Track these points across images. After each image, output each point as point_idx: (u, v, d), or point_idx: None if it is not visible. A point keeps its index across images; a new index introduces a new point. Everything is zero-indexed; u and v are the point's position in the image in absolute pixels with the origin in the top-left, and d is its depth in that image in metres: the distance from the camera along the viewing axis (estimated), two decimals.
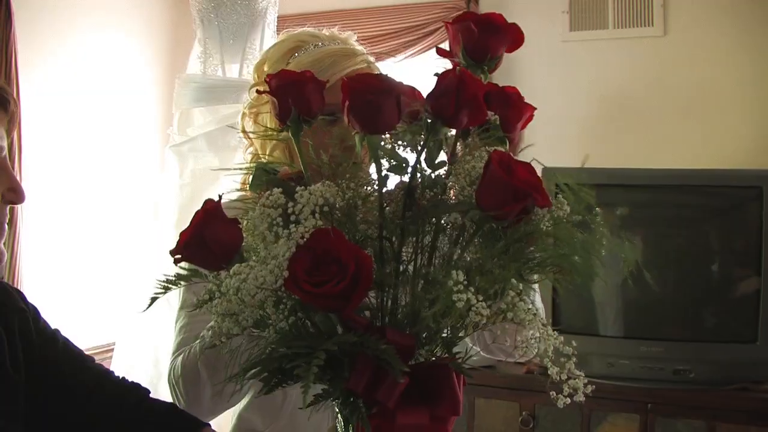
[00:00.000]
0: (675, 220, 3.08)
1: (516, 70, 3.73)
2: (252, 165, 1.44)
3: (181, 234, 0.92)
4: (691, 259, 3.03)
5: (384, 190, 0.93)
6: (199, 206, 0.94)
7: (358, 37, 1.58)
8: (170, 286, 0.97)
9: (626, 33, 3.56)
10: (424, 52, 3.81)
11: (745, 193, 2.91)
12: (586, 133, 3.62)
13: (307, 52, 1.48)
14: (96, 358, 1.46)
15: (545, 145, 3.79)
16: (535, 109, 0.99)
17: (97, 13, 3.81)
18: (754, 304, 2.83)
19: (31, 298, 1.41)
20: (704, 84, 3.44)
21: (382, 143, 0.92)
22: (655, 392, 2.82)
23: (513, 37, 1.00)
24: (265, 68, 1.53)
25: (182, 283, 0.97)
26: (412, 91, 0.93)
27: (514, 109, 0.96)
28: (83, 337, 2.90)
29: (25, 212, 3.24)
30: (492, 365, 3.09)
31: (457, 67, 0.91)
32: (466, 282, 0.84)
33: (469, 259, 0.92)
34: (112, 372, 1.45)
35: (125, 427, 1.35)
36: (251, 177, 1.42)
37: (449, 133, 0.94)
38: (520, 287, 0.86)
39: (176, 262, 0.93)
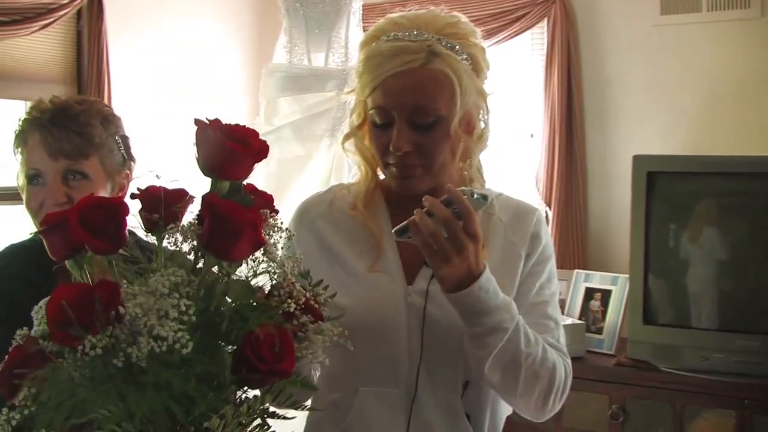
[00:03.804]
0: None
1: (605, 56, 3.65)
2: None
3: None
4: None
5: None
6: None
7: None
8: None
9: (721, 15, 3.44)
10: (509, 39, 3.76)
11: None
12: (679, 119, 3.52)
13: (377, 45, 1.42)
14: None
15: (634, 133, 3.71)
16: None
17: (185, 3, 3.88)
18: None
19: None
20: None
21: None
22: (752, 388, 2.73)
23: None
24: (355, 53, 1.50)
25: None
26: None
27: None
28: None
29: None
30: (581, 356, 3.04)
31: None
32: None
33: None
34: None
35: None
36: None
37: None
38: None
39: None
